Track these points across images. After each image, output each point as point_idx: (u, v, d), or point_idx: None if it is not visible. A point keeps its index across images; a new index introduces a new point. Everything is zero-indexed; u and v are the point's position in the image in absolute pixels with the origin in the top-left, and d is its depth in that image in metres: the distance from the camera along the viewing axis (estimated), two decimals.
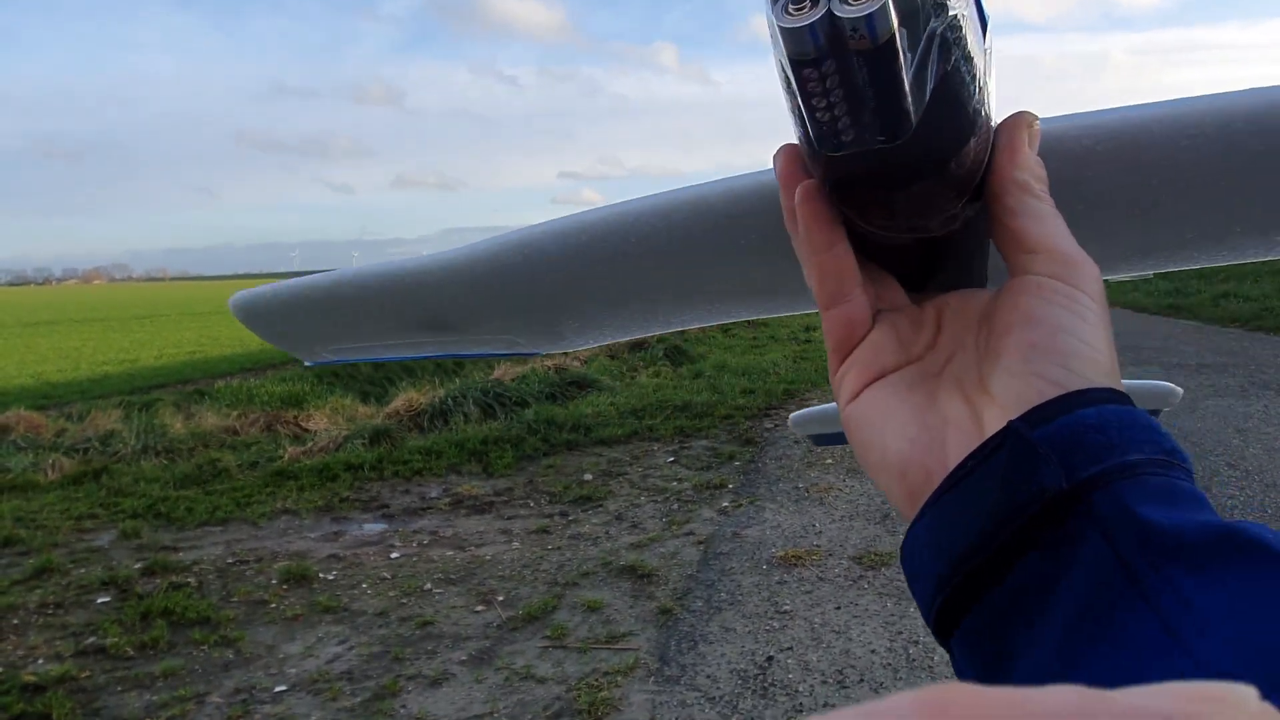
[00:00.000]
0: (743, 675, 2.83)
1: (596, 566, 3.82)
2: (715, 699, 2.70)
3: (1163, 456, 0.28)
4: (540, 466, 5.55)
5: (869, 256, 0.37)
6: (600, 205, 0.50)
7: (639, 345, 9.51)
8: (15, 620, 3.46)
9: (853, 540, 3.94)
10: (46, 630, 3.37)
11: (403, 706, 2.75)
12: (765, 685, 2.76)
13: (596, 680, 2.83)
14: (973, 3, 0.30)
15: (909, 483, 0.31)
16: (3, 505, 5.00)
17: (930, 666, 2.81)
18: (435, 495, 5.06)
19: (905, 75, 0.27)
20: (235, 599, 3.63)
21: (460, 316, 0.59)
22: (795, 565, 3.69)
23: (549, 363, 8.31)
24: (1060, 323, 0.31)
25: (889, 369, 0.34)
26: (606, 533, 4.27)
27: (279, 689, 2.88)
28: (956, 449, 0.30)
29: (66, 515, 4.83)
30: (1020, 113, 0.35)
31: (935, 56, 0.28)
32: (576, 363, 8.62)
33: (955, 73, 0.29)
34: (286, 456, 5.80)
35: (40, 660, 3.12)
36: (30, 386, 10.16)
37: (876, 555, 3.71)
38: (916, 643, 2.95)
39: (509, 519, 4.57)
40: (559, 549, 4.08)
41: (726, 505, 4.59)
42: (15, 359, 13.84)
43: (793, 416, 1.04)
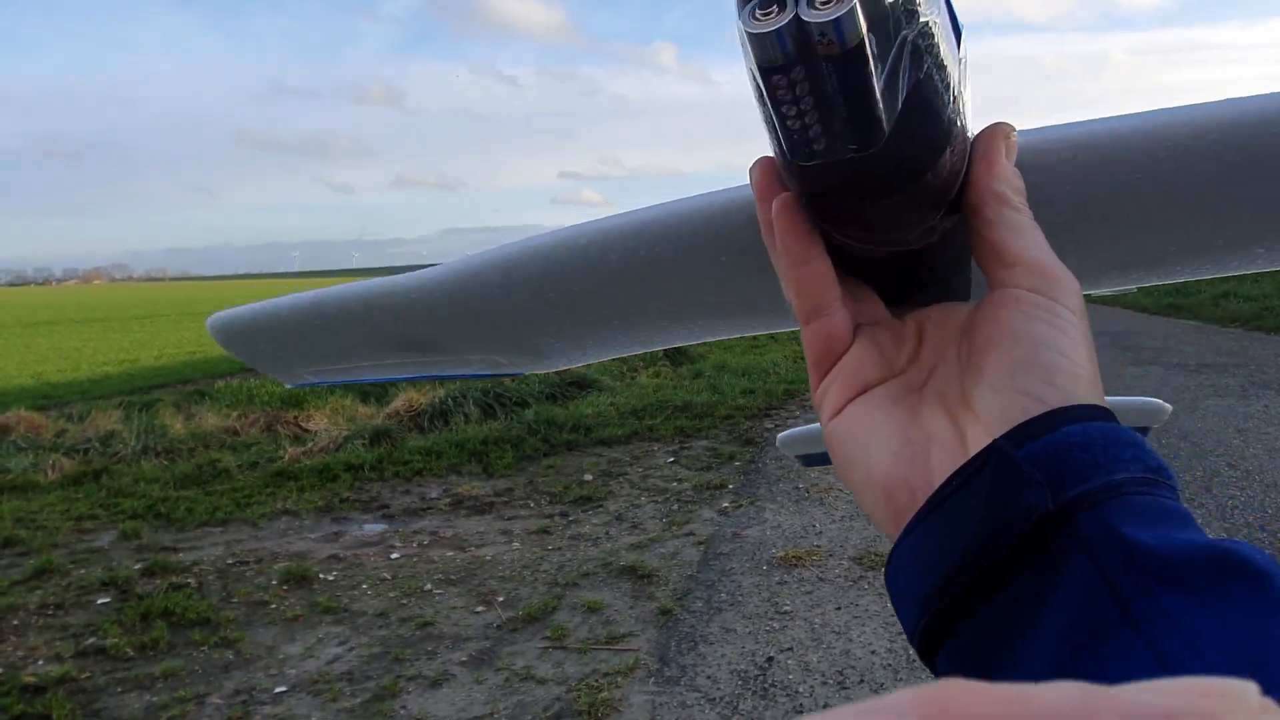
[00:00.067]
0: (743, 676, 2.83)
1: (597, 567, 3.82)
2: (715, 700, 2.70)
3: (1148, 475, 0.27)
4: (540, 467, 5.55)
5: (848, 270, 0.36)
6: (582, 222, 0.49)
7: None
8: (15, 621, 3.46)
9: (853, 541, 3.94)
10: (46, 631, 3.37)
11: (403, 707, 2.75)
12: (765, 686, 2.76)
13: (597, 681, 2.83)
14: (945, 11, 0.30)
15: (894, 502, 0.31)
16: (3, 506, 5.01)
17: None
18: (435, 496, 5.06)
19: (876, 82, 0.26)
20: (235, 600, 3.63)
21: (441, 336, 0.59)
22: (795, 566, 3.69)
23: None
24: (1042, 338, 0.30)
25: (871, 383, 0.34)
26: (607, 533, 4.28)
27: (279, 690, 2.88)
28: (941, 467, 0.30)
29: (66, 516, 4.83)
30: (997, 124, 0.35)
31: (907, 64, 0.27)
32: None
33: (928, 81, 0.28)
34: (286, 457, 5.80)
35: (40, 661, 3.13)
36: (30, 387, 10.16)
37: (877, 556, 3.71)
38: None
39: (509, 519, 4.57)
40: (559, 549, 4.08)
41: (727, 505, 4.59)
42: (15, 359, 13.84)
43: (780, 437, 1.03)
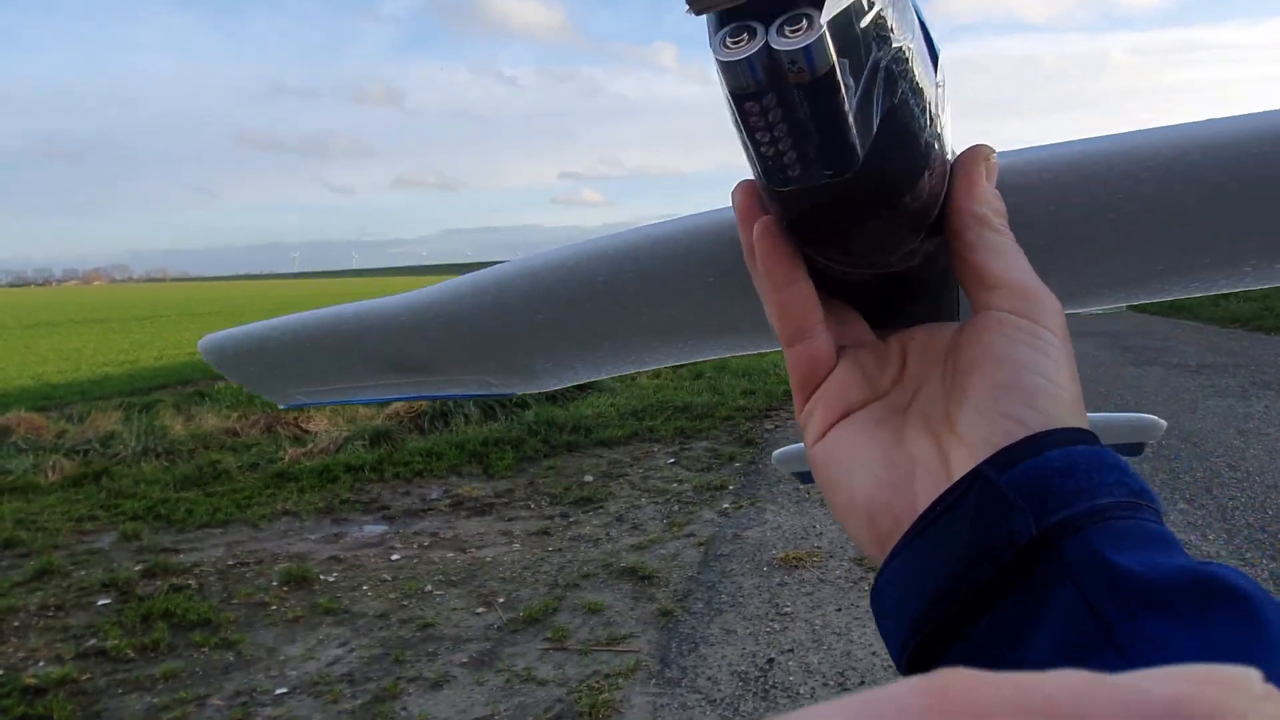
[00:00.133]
0: (744, 677, 2.83)
1: (597, 568, 3.82)
2: (716, 701, 2.70)
3: (1131, 498, 0.27)
4: (541, 468, 5.55)
5: (831, 292, 0.36)
6: (576, 242, 0.49)
7: None
8: (16, 622, 3.46)
9: (853, 542, 3.93)
10: (47, 632, 3.37)
11: (403, 709, 2.74)
12: (766, 687, 2.76)
13: (597, 682, 2.83)
14: (920, 35, 0.30)
15: (877, 526, 0.31)
16: (3, 507, 5.01)
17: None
18: (436, 497, 5.06)
19: (848, 108, 0.26)
20: (236, 601, 3.63)
21: (433, 357, 0.59)
22: (796, 567, 3.69)
23: None
24: (1024, 360, 0.31)
25: (855, 406, 0.34)
26: (607, 534, 4.27)
27: (279, 691, 2.88)
28: (925, 491, 0.30)
29: (67, 517, 4.83)
30: (977, 146, 0.35)
31: (881, 89, 0.27)
32: None
33: (903, 106, 0.28)
34: (287, 458, 5.80)
35: (41, 663, 3.13)
36: (31, 388, 10.15)
37: None
38: None
39: (509, 520, 4.57)
40: (559, 550, 4.08)
41: (727, 507, 4.59)
42: (16, 360, 13.84)
43: (776, 454, 1.04)
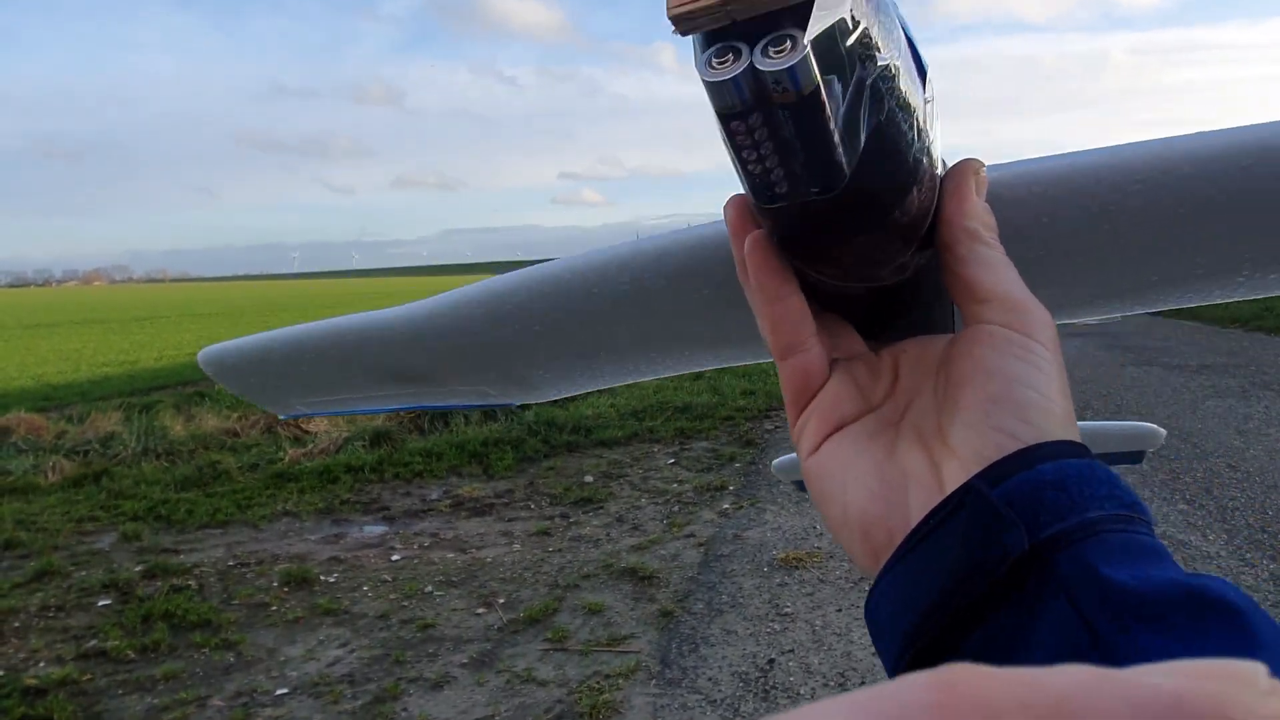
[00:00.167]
0: (744, 678, 2.83)
1: (597, 569, 3.82)
2: (717, 702, 2.70)
3: (1123, 511, 0.28)
4: (541, 468, 5.55)
5: (823, 305, 0.36)
6: (573, 254, 0.50)
7: None
8: (16, 623, 3.46)
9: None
10: (47, 633, 3.37)
11: (404, 709, 2.74)
12: (767, 688, 2.76)
13: (598, 683, 2.83)
14: (907, 52, 0.30)
15: (871, 540, 0.31)
16: (3, 508, 5.00)
17: None
18: (436, 497, 5.06)
19: (834, 126, 0.26)
20: (236, 602, 3.63)
21: (431, 368, 0.59)
22: (796, 567, 3.69)
23: None
24: (1015, 374, 0.31)
25: (848, 419, 0.34)
26: (607, 535, 4.27)
27: (280, 692, 2.88)
28: (918, 505, 0.30)
29: (67, 518, 4.83)
30: (966, 160, 0.35)
31: (867, 107, 0.27)
32: None
33: (890, 122, 0.28)
34: (287, 459, 5.80)
35: (41, 663, 3.12)
36: (31, 388, 10.15)
37: None
38: None
39: (510, 521, 4.57)
40: (560, 551, 4.08)
41: (727, 507, 4.59)
42: (16, 361, 13.83)
43: (775, 463, 1.04)
